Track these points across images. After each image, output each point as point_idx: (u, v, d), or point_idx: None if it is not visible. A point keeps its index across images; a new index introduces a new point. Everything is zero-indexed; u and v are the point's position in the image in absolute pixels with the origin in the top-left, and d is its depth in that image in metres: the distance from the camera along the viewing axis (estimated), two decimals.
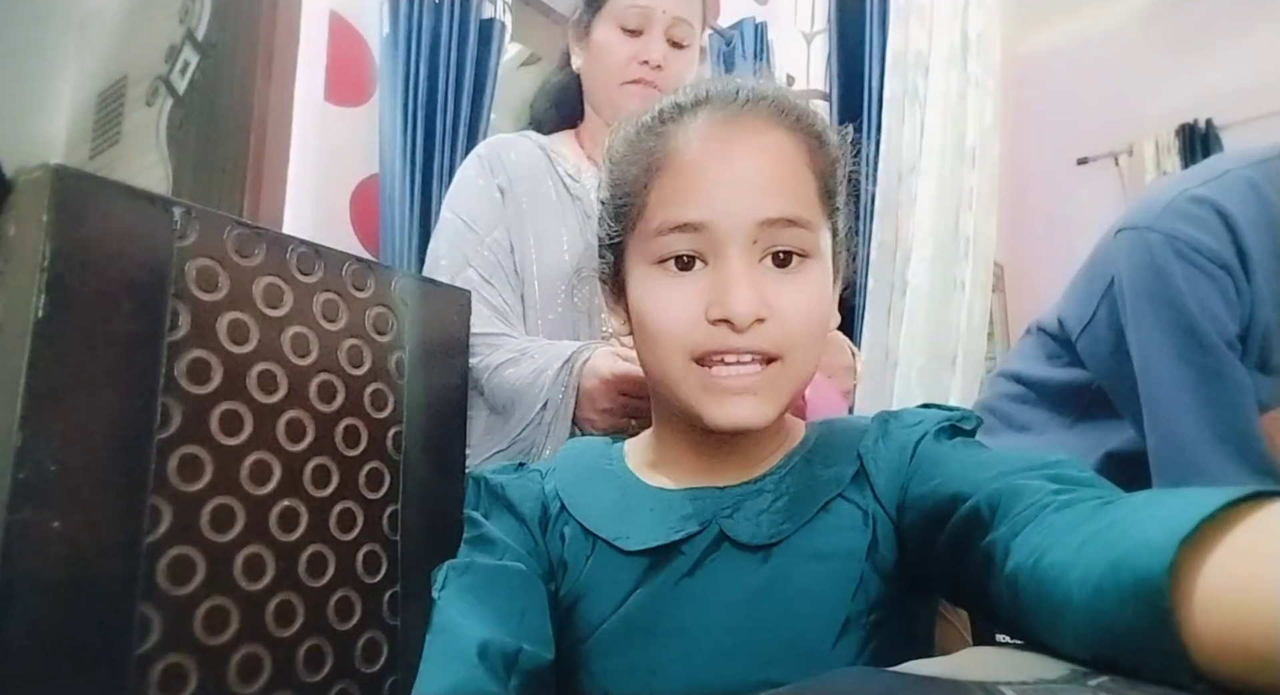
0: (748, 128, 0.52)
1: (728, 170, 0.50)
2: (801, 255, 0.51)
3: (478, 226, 0.98)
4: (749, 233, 0.49)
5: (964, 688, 0.30)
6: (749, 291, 0.48)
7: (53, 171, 0.57)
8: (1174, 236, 0.88)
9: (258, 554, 0.66)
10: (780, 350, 0.50)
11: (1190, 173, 0.98)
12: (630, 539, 0.52)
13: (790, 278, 0.50)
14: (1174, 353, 0.87)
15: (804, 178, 0.52)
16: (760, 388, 0.50)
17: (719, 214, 0.49)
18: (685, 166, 0.51)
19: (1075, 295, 1.04)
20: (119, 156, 1.85)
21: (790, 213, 0.50)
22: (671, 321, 0.50)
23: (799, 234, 0.50)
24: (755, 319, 0.48)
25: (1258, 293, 0.87)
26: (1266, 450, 0.85)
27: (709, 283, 0.50)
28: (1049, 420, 1.08)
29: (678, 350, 0.50)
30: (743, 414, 0.49)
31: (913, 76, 2.24)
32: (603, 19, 1.02)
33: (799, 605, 0.49)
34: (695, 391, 0.50)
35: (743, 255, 0.49)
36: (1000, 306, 3.29)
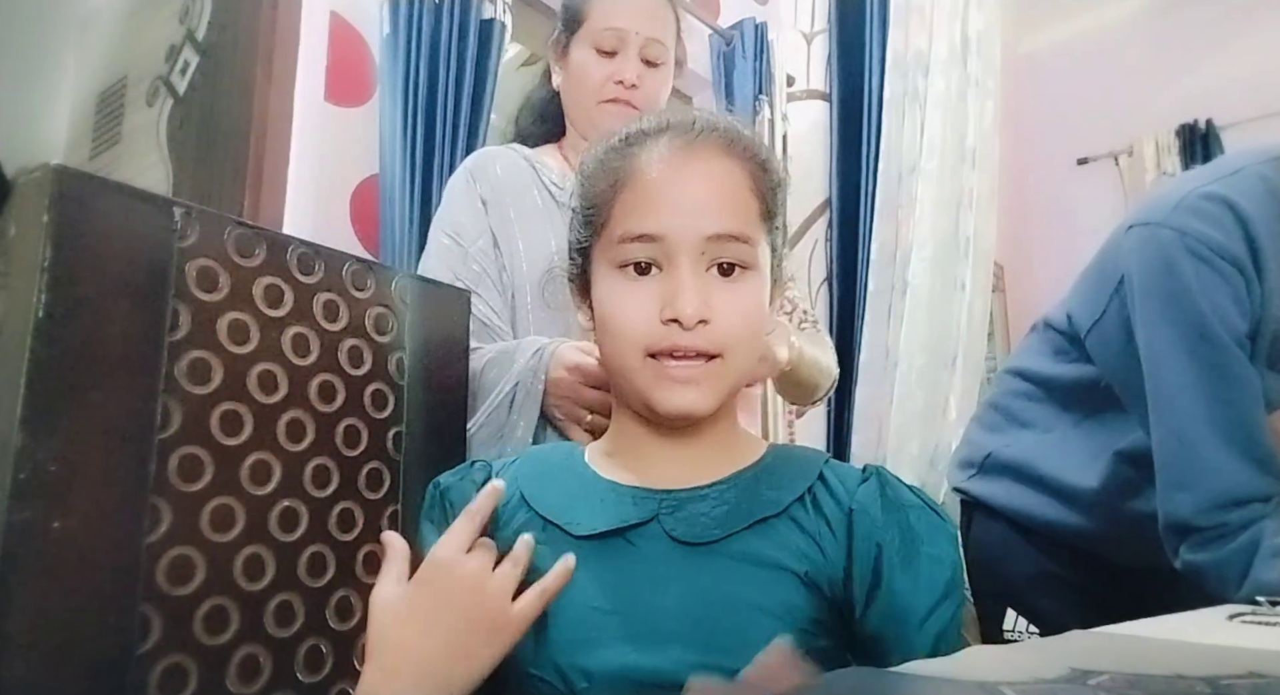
0: (701, 154, 0.60)
1: (682, 190, 0.58)
2: (743, 267, 0.59)
3: (463, 240, 1.01)
4: (697, 245, 0.57)
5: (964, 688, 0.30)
6: (695, 297, 0.56)
7: (53, 172, 0.57)
8: (1185, 233, 0.87)
9: (258, 554, 0.66)
10: (720, 348, 0.57)
11: (1203, 170, 0.97)
12: (580, 525, 0.58)
13: (732, 286, 0.58)
14: (1182, 350, 0.87)
15: (747, 200, 0.60)
16: (703, 379, 0.57)
17: (673, 228, 0.57)
18: (646, 184, 0.59)
19: (1085, 291, 1.03)
20: (119, 157, 1.86)
21: (734, 230, 0.58)
22: (630, 320, 0.58)
23: (740, 249, 0.58)
24: (700, 320, 0.56)
25: (1269, 290, 0.87)
26: (1272, 449, 0.85)
27: (662, 288, 0.57)
28: (1056, 417, 1.07)
29: (634, 345, 0.58)
30: (687, 400, 0.57)
31: (913, 76, 2.24)
32: (579, 41, 1.05)
33: (734, 602, 0.54)
34: (648, 381, 0.58)
35: (692, 264, 0.57)
36: (1000, 306, 3.29)
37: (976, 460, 1.14)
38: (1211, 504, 0.83)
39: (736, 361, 0.58)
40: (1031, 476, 1.06)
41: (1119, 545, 0.98)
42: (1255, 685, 0.32)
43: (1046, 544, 1.05)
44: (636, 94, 1.03)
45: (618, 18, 1.03)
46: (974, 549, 1.13)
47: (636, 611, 0.54)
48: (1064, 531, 1.04)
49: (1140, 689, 0.29)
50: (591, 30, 1.04)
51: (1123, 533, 0.96)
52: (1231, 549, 0.81)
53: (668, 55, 1.06)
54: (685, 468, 0.60)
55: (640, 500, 0.58)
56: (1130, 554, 0.96)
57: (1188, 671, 0.34)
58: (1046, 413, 1.09)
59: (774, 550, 0.56)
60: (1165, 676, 0.34)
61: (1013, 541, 1.07)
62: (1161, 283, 0.89)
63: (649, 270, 0.58)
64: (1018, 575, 1.06)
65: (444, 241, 1.02)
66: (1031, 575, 1.05)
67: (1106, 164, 3.19)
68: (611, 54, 1.03)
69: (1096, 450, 1.01)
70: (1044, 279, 3.13)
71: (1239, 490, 0.83)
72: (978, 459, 1.14)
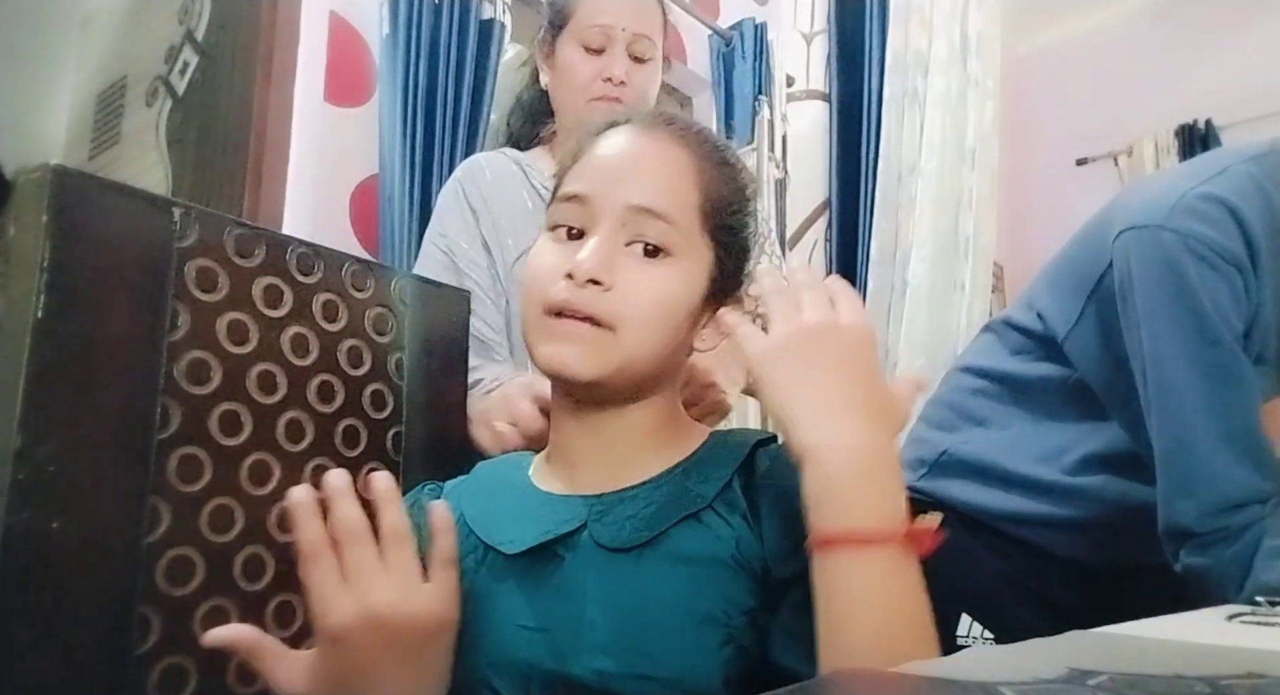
0: (652, 137, 0.61)
1: (618, 159, 0.59)
2: (666, 252, 0.57)
3: (454, 254, 1.02)
4: (619, 214, 0.57)
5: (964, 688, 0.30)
6: (596, 256, 0.55)
7: (52, 172, 0.57)
8: (1188, 235, 0.86)
9: (257, 554, 0.66)
10: (612, 320, 0.55)
11: (1187, 169, 0.96)
12: (513, 543, 0.57)
13: (648, 264, 0.57)
14: (1187, 353, 0.86)
15: (684, 187, 0.59)
16: (585, 342, 0.55)
17: (598, 191, 0.58)
18: (593, 155, 0.61)
19: (1057, 292, 1.02)
20: (118, 157, 1.86)
21: (656, 206, 0.57)
22: (539, 276, 0.58)
23: (664, 229, 0.57)
24: (593, 280, 0.55)
25: (1263, 288, 0.87)
26: (1270, 449, 0.85)
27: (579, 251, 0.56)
28: (1011, 414, 1.05)
29: (535, 299, 0.57)
30: (561, 355, 0.56)
31: (912, 77, 2.24)
32: (566, 39, 1.05)
33: (663, 605, 0.53)
34: (539, 335, 0.57)
35: (611, 232, 0.57)
36: (1000, 306, 3.29)
37: (929, 458, 1.10)
38: (1214, 509, 0.83)
39: (630, 339, 0.56)
40: (990, 472, 1.04)
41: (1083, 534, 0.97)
42: (1255, 685, 0.32)
43: (1003, 545, 1.03)
44: (625, 90, 1.02)
45: (604, 14, 1.03)
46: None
47: (563, 627, 0.53)
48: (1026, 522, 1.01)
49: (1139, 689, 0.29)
50: (578, 28, 1.03)
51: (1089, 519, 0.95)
52: (1232, 552, 0.81)
53: (655, 50, 1.06)
54: (615, 468, 0.59)
55: (571, 508, 0.57)
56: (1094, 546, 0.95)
57: (1187, 672, 0.34)
58: (1003, 410, 1.06)
59: (702, 545, 0.54)
60: (1164, 677, 0.34)
61: (967, 544, 1.03)
62: (1166, 285, 0.87)
63: (579, 237, 0.58)
64: (972, 580, 1.03)
65: (436, 255, 1.03)
66: (987, 579, 1.03)
67: (1106, 164, 3.19)
68: (599, 51, 1.03)
69: (1058, 449, 0.99)
70: None
71: (1240, 494, 0.82)
72: (930, 457, 1.09)
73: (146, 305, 0.61)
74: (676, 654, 0.50)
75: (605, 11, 1.03)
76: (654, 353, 0.58)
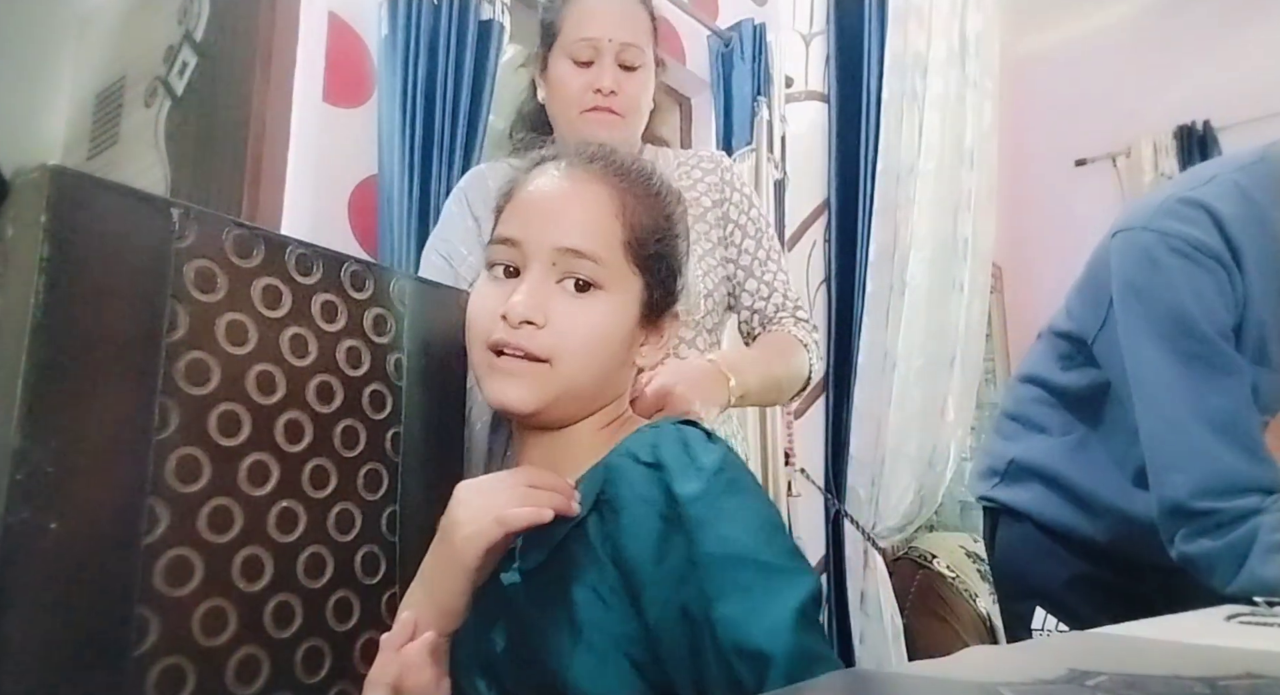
0: (575, 177, 0.65)
1: (545, 204, 0.64)
2: (597, 286, 0.62)
3: (453, 260, 1.04)
4: (548, 255, 0.61)
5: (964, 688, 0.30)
6: (528, 298, 0.60)
7: (51, 172, 0.57)
8: (1167, 233, 0.90)
9: (256, 555, 0.65)
10: (545, 354, 0.60)
11: (1179, 179, 1.02)
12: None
13: (579, 301, 0.62)
14: (1165, 343, 0.89)
15: (607, 224, 0.63)
16: (526, 376, 0.60)
17: (528, 236, 0.62)
18: (523, 196, 0.65)
19: (1085, 298, 1.05)
20: (117, 157, 1.85)
21: (583, 247, 0.61)
22: (479, 315, 0.63)
23: (590, 267, 0.61)
24: (525, 320, 0.59)
25: (1250, 288, 0.89)
26: (1262, 441, 0.86)
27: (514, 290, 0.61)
28: (1070, 422, 1.09)
29: (477, 338, 0.62)
30: (509, 394, 0.61)
31: (911, 78, 2.24)
32: (556, 54, 1.07)
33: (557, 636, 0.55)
34: (484, 372, 0.62)
35: (542, 272, 0.61)
36: (998, 307, 3.29)
37: (1000, 468, 1.15)
38: (1204, 488, 0.84)
39: (567, 370, 0.60)
40: (1056, 482, 1.08)
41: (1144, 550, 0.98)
42: (1253, 686, 0.32)
43: (1076, 547, 1.06)
44: (616, 100, 1.04)
45: (589, 27, 1.04)
46: (1001, 552, 1.15)
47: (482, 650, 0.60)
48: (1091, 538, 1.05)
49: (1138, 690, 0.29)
50: (566, 43, 1.05)
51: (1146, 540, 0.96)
52: (1227, 542, 0.82)
53: (644, 57, 1.07)
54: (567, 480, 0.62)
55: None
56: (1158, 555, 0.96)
57: (1185, 672, 0.34)
58: (1062, 417, 1.10)
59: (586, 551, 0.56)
60: (1163, 677, 0.34)
61: (1042, 544, 1.08)
62: (1145, 281, 0.92)
63: (516, 275, 0.63)
64: (1050, 577, 1.07)
65: (436, 261, 1.05)
66: (1064, 577, 1.06)
67: (1104, 165, 3.19)
68: (587, 64, 1.04)
69: (1117, 458, 1.02)
70: (1042, 280, 3.13)
71: (1232, 477, 0.84)
72: (1001, 467, 1.15)
73: (145, 306, 0.61)
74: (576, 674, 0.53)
75: (591, 25, 1.04)
76: (592, 379, 0.63)
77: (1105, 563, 1.05)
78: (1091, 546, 1.05)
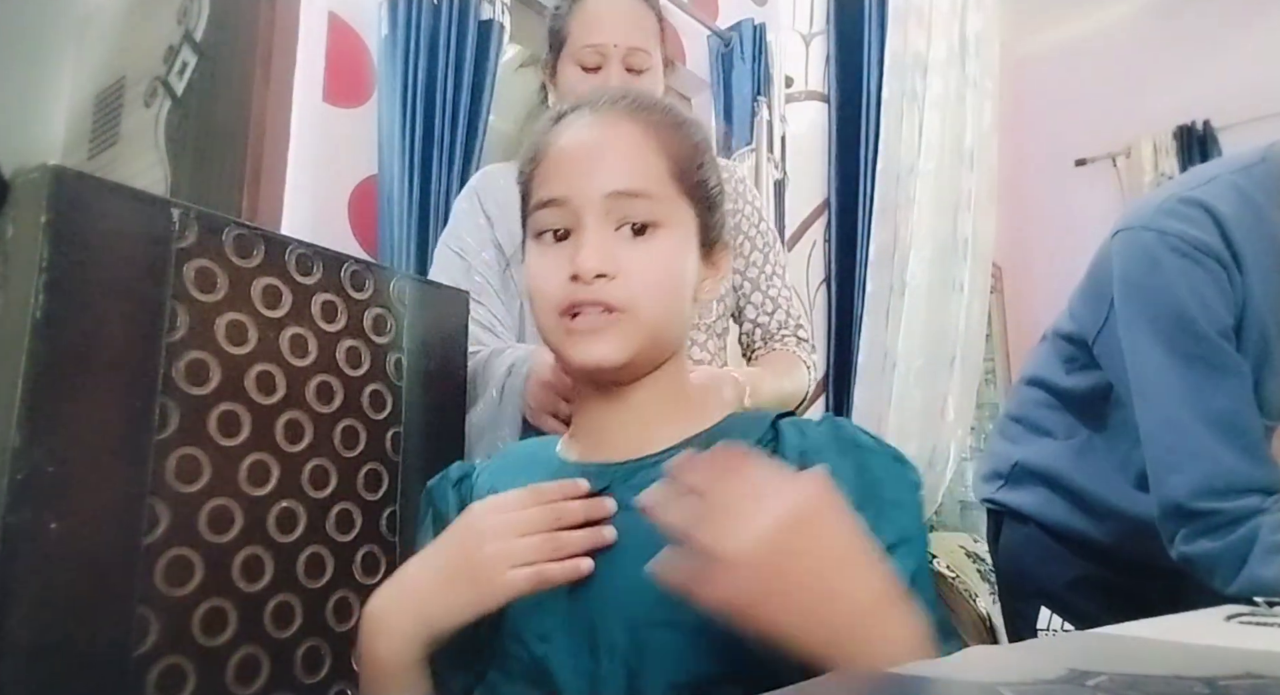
0: (604, 121, 0.63)
1: (584, 154, 0.61)
2: (653, 225, 0.60)
3: (467, 254, 1.05)
4: (600, 204, 0.59)
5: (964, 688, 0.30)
6: (594, 251, 0.58)
7: (51, 172, 0.57)
8: (1166, 232, 0.91)
9: (256, 555, 0.65)
10: (624, 304, 0.58)
11: (1180, 180, 1.01)
12: None
13: (642, 244, 0.59)
14: (1164, 342, 0.89)
15: (651, 159, 0.61)
16: (607, 329, 0.58)
17: (575, 190, 0.59)
18: (555, 154, 0.62)
19: (1086, 299, 1.06)
20: (117, 157, 1.85)
21: (634, 186, 0.59)
22: (542, 282, 0.60)
23: (646, 205, 0.59)
24: (599, 274, 0.57)
25: (1250, 287, 0.89)
26: (1263, 442, 0.86)
27: (572, 249, 0.59)
28: (1074, 425, 1.09)
29: (549, 306, 0.60)
30: (595, 352, 0.58)
31: (911, 78, 2.24)
32: (564, 61, 1.07)
33: None
34: (561, 338, 0.60)
35: (597, 223, 0.59)
36: (998, 307, 3.29)
37: (1004, 471, 1.15)
38: (1205, 488, 0.84)
39: (645, 316, 0.59)
40: (1060, 485, 1.08)
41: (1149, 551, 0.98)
42: (1253, 686, 0.32)
43: (1081, 548, 1.06)
44: None
45: (596, 33, 1.05)
46: (1005, 553, 1.15)
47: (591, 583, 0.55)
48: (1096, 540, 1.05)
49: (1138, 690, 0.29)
50: (573, 50, 1.06)
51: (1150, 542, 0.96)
52: (1227, 542, 0.82)
53: (651, 60, 1.07)
54: (635, 438, 0.61)
55: (595, 475, 0.60)
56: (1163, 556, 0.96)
57: (1186, 672, 0.34)
58: (1066, 421, 1.10)
59: None
60: (1163, 677, 0.34)
61: (1047, 546, 1.08)
62: (1144, 280, 0.92)
63: (566, 236, 0.60)
64: (1054, 578, 1.07)
65: (449, 257, 1.06)
66: (1069, 578, 1.06)
67: (1104, 165, 3.19)
68: (595, 69, 1.05)
69: (1121, 461, 1.02)
70: (1042, 280, 3.13)
71: (1232, 478, 0.84)
72: (1005, 469, 1.15)
73: (145, 305, 0.61)
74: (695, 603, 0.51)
75: (597, 31, 1.05)
76: (670, 320, 0.61)
77: (1110, 564, 1.05)
78: (1096, 548, 1.05)
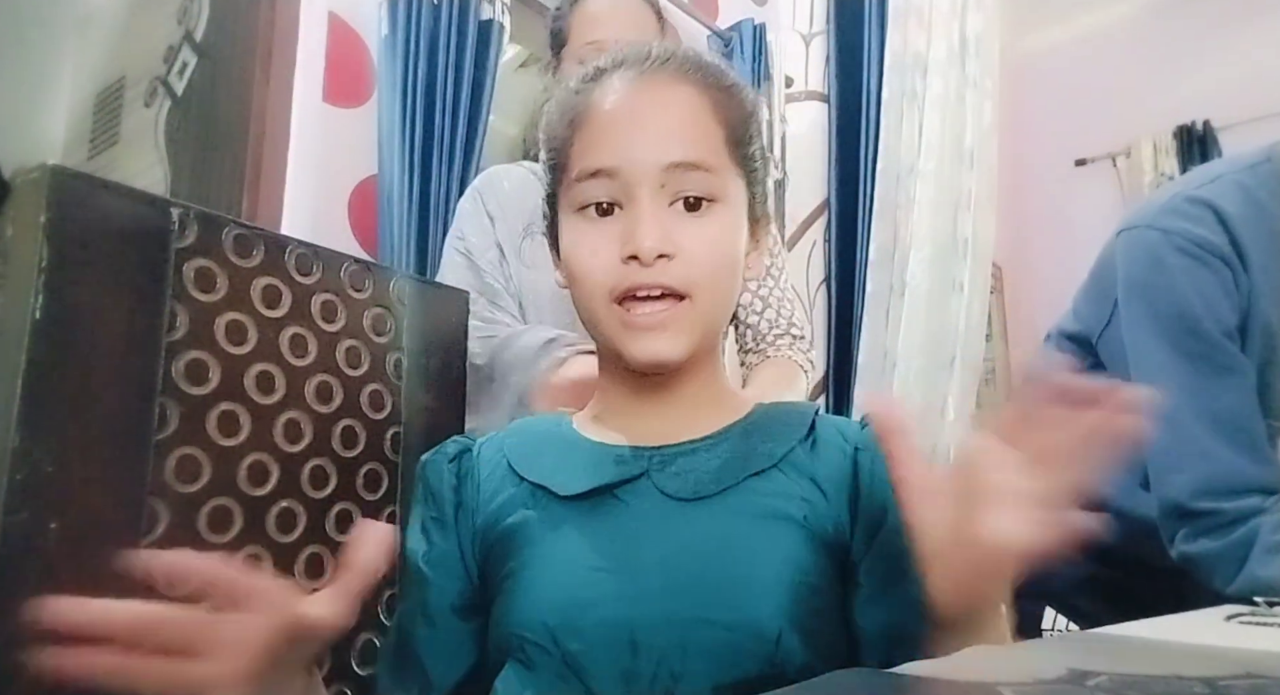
0: (655, 83, 0.56)
1: (636, 121, 0.55)
2: (709, 200, 0.55)
3: (475, 256, 1.06)
4: (656, 177, 0.53)
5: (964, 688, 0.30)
6: (655, 228, 0.52)
7: (51, 172, 0.57)
8: (1170, 232, 0.90)
9: (256, 555, 0.65)
10: (687, 287, 0.53)
11: (1185, 178, 1.01)
12: (568, 485, 0.55)
13: (698, 219, 0.54)
14: (1167, 342, 0.89)
15: (709, 127, 0.56)
16: (671, 323, 0.54)
17: (627, 160, 0.54)
18: (600, 119, 0.56)
19: (1090, 298, 1.06)
20: (117, 157, 1.85)
21: (693, 157, 0.54)
22: (591, 263, 0.55)
23: (704, 178, 0.54)
24: (660, 254, 0.52)
25: (1256, 287, 0.89)
26: (1264, 437, 0.86)
27: (623, 226, 0.54)
28: None
29: (599, 290, 0.54)
30: (657, 348, 0.54)
31: (911, 77, 2.24)
32: (566, 60, 1.08)
33: (733, 556, 0.52)
34: (616, 329, 0.54)
35: (652, 198, 0.53)
36: (998, 308, 3.29)
37: None
38: (1205, 488, 0.84)
39: (706, 303, 0.54)
40: None
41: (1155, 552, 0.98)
42: (1253, 686, 0.32)
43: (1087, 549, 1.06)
44: None
45: (596, 30, 1.05)
46: None
47: (629, 568, 0.52)
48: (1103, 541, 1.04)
49: (1138, 690, 0.29)
50: (574, 48, 1.06)
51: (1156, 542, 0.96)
52: (1227, 542, 0.82)
53: None
54: (671, 424, 0.58)
55: (628, 458, 0.56)
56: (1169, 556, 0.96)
57: (1185, 672, 0.34)
58: None
59: (772, 500, 0.54)
60: (1163, 677, 0.34)
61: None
62: (1148, 279, 0.92)
63: (611, 211, 0.55)
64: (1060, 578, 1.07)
65: (457, 258, 1.07)
66: (1075, 578, 1.06)
67: (1104, 165, 3.19)
68: None
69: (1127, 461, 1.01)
70: (1042, 280, 3.13)
71: (1233, 478, 0.84)
72: None
73: (145, 305, 0.61)
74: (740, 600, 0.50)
75: (596, 29, 1.06)
76: (727, 307, 0.58)
77: (1116, 564, 1.05)
78: (1102, 549, 1.05)
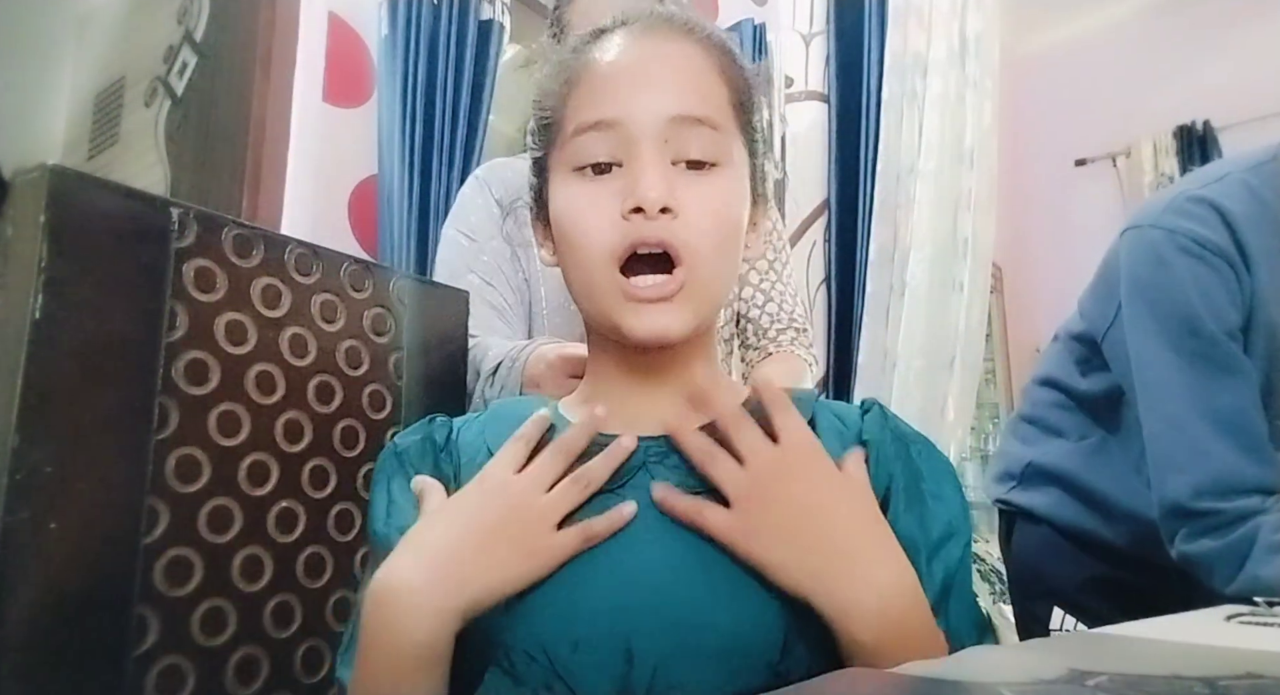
0: (659, 38, 0.54)
1: (639, 72, 0.52)
2: (713, 163, 0.52)
3: (477, 237, 1.02)
4: (660, 130, 0.50)
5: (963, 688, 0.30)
6: (659, 179, 0.49)
7: (50, 172, 0.57)
8: (1174, 231, 0.90)
9: (255, 555, 0.65)
10: (689, 248, 0.50)
11: (1190, 177, 1.01)
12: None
13: (702, 179, 0.51)
14: (1169, 341, 0.89)
15: (715, 84, 0.53)
16: (672, 303, 0.50)
17: (630, 111, 0.51)
18: (599, 72, 0.53)
19: (1096, 298, 1.05)
20: (117, 157, 1.85)
21: (699, 112, 0.51)
22: (590, 224, 0.51)
23: (709, 136, 0.52)
24: (663, 208, 0.49)
25: (1259, 287, 0.89)
26: (1265, 437, 0.86)
27: (624, 182, 0.50)
28: (1087, 425, 1.09)
29: (598, 253, 0.51)
30: (659, 323, 0.50)
31: (911, 78, 2.24)
32: None
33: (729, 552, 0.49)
34: (616, 301, 0.51)
35: (655, 152, 0.50)
36: (998, 308, 3.29)
37: (1016, 471, 1.15)
38: (1206, 488, 0.84)
39: (707, 274, 0.51)
40: (1073, 486, 1.07)
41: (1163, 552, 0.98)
42: (1253, 686, 0.32)
43: (1094, 549, 1.06)
44: None
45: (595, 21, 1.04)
46: (1017, 554, 1.14)
47: (624, 568, 0.48)
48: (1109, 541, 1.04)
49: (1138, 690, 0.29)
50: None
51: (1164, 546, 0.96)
52: (1227, 542, 0.82)
53: None
54: (667, 410, 0.53)
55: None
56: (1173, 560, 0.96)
57: (1186, 672, 0.34)
58: (1078, 421, 1.10)
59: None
60: (1163, 677, 0.34)
61: (1060, 546, 1.08)
62: (1151, 279, 0.92)
63: (609, 170, 0.51)
64: (1067, 579, 1.07)
65: (458, 238, 1.02)
66: (1082, 578, 1.06)
67: (1104, 165, 3.20)
68: None
69: (1134, 462, 1.01)
70: (1042, 280, 3.13)
71: (1234, 478, 0.83)
72: (1017, 470, 1.14)
73: (144, 305, 0.61)
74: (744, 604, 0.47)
75: (596, 18, 1.04)
76: (727, 281, 0.54)
77: (1123, 564, 1.05)
78: (1109, 549, 1.05)
